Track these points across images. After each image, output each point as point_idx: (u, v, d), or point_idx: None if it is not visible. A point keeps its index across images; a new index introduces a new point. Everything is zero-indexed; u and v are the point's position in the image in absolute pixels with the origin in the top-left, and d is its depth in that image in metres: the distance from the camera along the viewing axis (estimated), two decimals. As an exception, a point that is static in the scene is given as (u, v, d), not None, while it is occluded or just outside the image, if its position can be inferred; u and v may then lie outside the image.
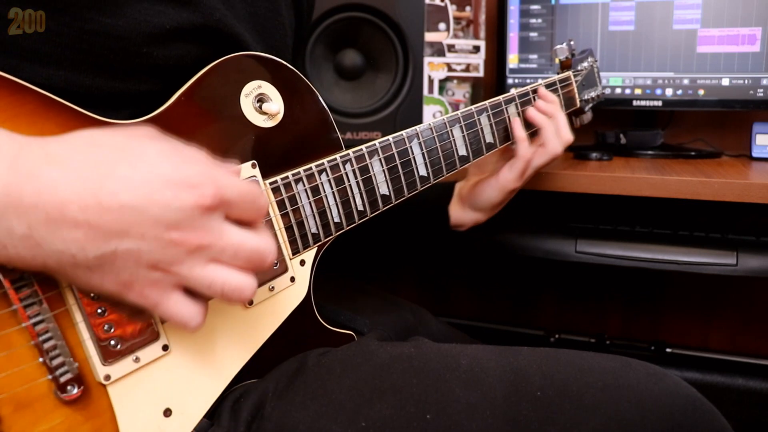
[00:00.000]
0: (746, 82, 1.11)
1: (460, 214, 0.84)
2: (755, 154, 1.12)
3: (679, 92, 1.15)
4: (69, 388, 0.41)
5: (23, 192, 0.36)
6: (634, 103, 1.19)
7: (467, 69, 1.23)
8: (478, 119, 0.71)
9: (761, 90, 1.10)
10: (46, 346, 0.40)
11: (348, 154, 0.59)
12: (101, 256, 0.38)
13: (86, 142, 0.39)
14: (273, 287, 0.54)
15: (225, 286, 0.42)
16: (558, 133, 0.77)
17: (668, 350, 1.31)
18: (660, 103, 1.17)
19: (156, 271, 0.40)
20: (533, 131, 0.79)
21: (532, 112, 0.77)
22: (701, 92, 1.14)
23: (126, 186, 0.38)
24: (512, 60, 1.25)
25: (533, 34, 1.22)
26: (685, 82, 1.14)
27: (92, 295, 0.42)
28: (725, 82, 1.12)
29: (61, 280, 0.40)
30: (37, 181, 0.36)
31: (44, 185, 0.36)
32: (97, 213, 0.37)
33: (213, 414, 0.51)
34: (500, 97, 0.74)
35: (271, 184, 0.54)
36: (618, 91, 1.19)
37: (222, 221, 0.42)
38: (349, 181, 0.59)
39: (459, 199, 0.84)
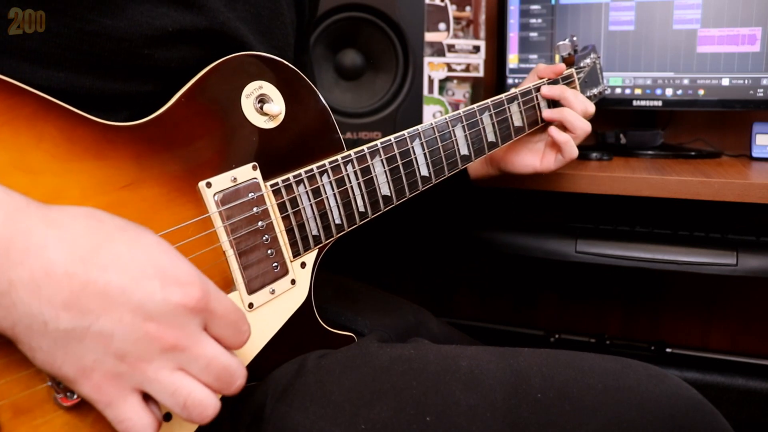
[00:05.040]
0: (746, 82, 1.11)
1: (481, 171, 0.86)
2: (755, 154, 1.12)
3: (679, 92, 1.15)
4: (69, 393, 0.40)
5: (12, 248, 0.35)
6: (634, 103, 1.19)
7: (467, 69, 1.23)
8: (480, 118, 0.71)
9: (761, 90, 1.10)
10: (46, 349, 0.40)
11: (349, 155, 0.59)
12: (72, 330, 0.36)
13: (88, 214, 0.39)
14: (274, 290, 0.54)
15: (188, 399, 0.39)
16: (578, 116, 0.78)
17: (668, 350, 1.31)
18: (660, 103, 1.17)
19: (122, 363, 0.37)
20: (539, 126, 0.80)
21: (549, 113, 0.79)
22: (701, 92, 1.14)
23: (117, 264, 0.37)
24: (512, 60, 1.25)
25: (533, 34, 1.22)
26: (685, 82, 1.14)
27: None
28: (725, 82, 1.12)
29: (23, 350, 0.37)
30: (28, 238, 0.35)
31: (34, 244, 0.35)
32: (81, 283, 0.36)
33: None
34: (502, 96, 0.74)
35: (272, 186, 0.54)
36: (618, 91, 1.19)
37: (201, 330, 0.40)
38: (350, 182, 0.59)
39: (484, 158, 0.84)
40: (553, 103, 0.80)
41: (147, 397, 0.39)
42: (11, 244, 0.35)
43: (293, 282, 0.56)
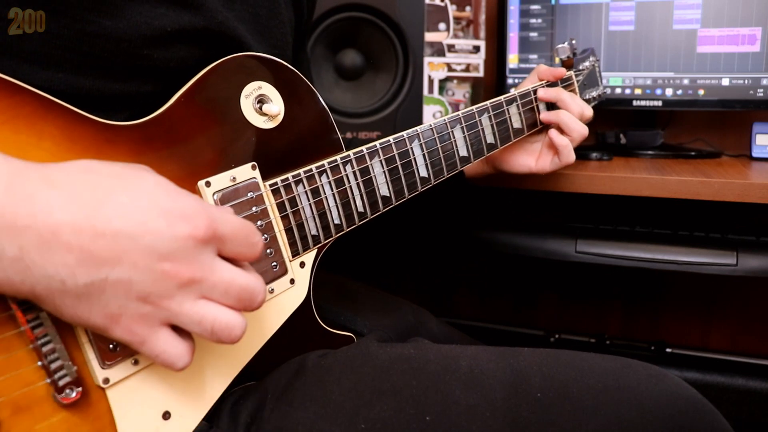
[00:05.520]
0: (746, 82, 1.11)
1: (477, 169, 0.87)
2: (755, 154, 1.12)
3: (679, 92, 1.15)
4: (68, 391, 0.41)
5: (17, 214, 0.35)
6: (634, 103, 1.19)
7: (467, 69, 1.23)
8: (480, 120, 0.71)
9: (761, 90, 1.10)
10: (45, 349, 0.40)
11: (348, 155, 0.59)
12: (91, 284, 0.37)
13: (84, 168, 0.39)
14: (273, 289, 0.54)
15: (215, 323, 0.40)
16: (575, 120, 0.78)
17: (668, 350, 1.31)
18: (660, 103, 1.17)
19: (146, 304, 0.39)
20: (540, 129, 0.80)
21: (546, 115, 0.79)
22: (701, 92, 1.14)
23: (121, 213, 0.38)
24: (512, 60, 1.25)
25: (533, 34, 1.22)
26: (685, 82, 1.14)
27: None
28: (725, 82, 1.12)
29: (48, 309, 0.39)
30: (32, 203, 0.36)
31: (39, 208, 0.36)
32: (90, 238, 0.37)
33: (212, 416, 0.51)
34: (501, 98, 0.74)
35: (271, 186, 0.54)
36: (618, 91, 1.19)
37: (214, 256, 0.41)
38: (349, 182, 0.59)
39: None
40: (553, 106, 0.80)
41: (177, 327, 0.41)
42: (16, 211, 0.35)
43: (292, 281, 0.56)
